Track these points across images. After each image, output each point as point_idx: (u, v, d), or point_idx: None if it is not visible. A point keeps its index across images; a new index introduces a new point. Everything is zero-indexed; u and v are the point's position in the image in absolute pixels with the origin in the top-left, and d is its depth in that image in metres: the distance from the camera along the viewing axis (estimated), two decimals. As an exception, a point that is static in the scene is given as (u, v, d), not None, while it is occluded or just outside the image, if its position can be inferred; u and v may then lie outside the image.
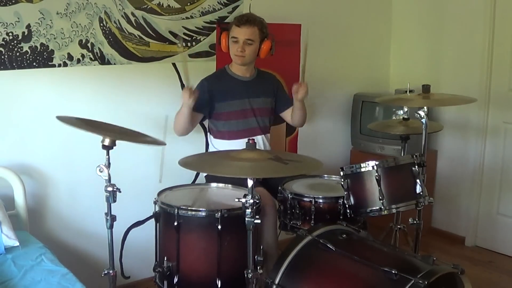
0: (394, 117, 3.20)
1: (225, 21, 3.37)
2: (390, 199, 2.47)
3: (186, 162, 2.19)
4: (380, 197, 2.45)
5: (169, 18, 3.16)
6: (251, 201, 2.11)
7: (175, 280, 2.44)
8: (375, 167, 2.47)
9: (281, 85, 3.25)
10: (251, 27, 2.90)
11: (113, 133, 2.35)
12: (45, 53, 2.76)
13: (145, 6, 3.06)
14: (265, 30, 2.97)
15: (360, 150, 4.15)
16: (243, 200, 2.13)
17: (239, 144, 2.75)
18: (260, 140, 3.04)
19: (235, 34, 2.91)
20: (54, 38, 2.77)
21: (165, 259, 2.45)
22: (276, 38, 3.02)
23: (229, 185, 2.75)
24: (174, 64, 3.24)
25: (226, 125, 3.00)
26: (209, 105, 2.96)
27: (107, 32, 2.95)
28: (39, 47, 2.74)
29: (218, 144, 3.03)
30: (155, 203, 2.54)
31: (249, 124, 3.02)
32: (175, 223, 2.40)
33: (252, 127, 3.03)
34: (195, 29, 3.27)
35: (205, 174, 3.07)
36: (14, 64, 2.68)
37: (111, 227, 2.39)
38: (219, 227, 2.36)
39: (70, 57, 2.84)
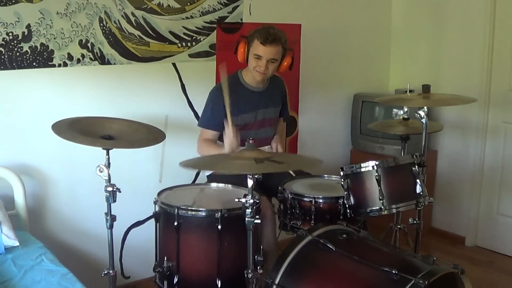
0: (394, 117, 3.20)
1: (225, 21, 3.37)
2: (390, 199, 2.46)
3: (187, 164, 2.19)
4: (380, 197, 2.45)
5: (169, 18, 3.16)
6: (251, 201, 2.11)
7: (175, 280, 2.44)
8: (375, 167, 2.46)
9: (286, 92, 3.25)
10: (276, 47, 2.79)
11: (108, 142, 2.37)
12: (45, 53, 2.76)
13: (145, 6, 3.06)
14: (287, 46, 2.88)
15: (360, 150, 4.15)
16: (243, 200, 2.13)
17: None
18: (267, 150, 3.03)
19: (259, 52, 2.79)
20: (54, 38, 2.77)
21: (165, 259, 2.45)
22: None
23: (229, 185, 2.75)
24: (174, 64, 3.24)
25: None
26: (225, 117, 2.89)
27: (107, 32, 2.95)
28: (39, 47, 2.74)
29: None
30: (155, 203, 2.54)
31: (258, 134, 2.99)
32: (175, 223, 2.40)
33: (262, 137, 3.00)
34: (195, 29, 3.27)
35: (206, 174, 3.07)
36: (14, 64, 2.68)
37: (111, 227, 2.39)
38: (219, 227, 2.36)
39: (70, 57, 2.84)
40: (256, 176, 2.12)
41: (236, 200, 2.16)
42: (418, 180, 2.50)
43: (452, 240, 4.04)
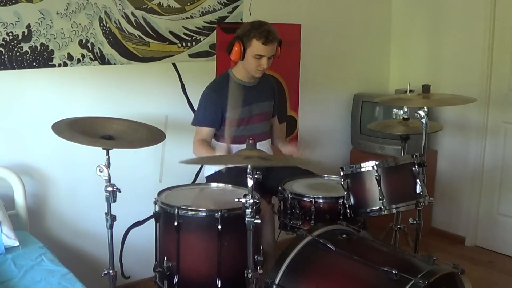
0: (394, 117, 3.20)
1: (225, 21, 3.37)
2: (390, 199, 2.46)
3: (187, 160, 2.20)
4: (380, 197, 2.45)
5: (169, 18, 3.16)
6: (251, 201, 2.11)
7: (175, 280, 2.44)
8: (375, 167, 2.46)
9: (283, 90, 3.25)
10: (275, 43, 2.85)
11: (108, 142, 2.37)
12: (45, 53, 2.76)
13: (145, 6, 3.06)
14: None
15: (360, 150, 4.15)
16: (243, 200, 2.13)
17: (241, 148, 2.75)
18: (263, 146, 3.03)
19: (261, 52, 2.81)
20: (54, 38, 2.77)
21: (165, 259, 2.45)
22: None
23: (229, 185, 2.75)
24: (174, 64, 3.24)
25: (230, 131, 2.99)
26: (220, 116, 2.95)
27: (107, 32, 2.95)
28: (39, 47, 2.74)
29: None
30: (155, 203, 2.54)
31: (252, 130, 3.01)
32: (175, 223, 2.40)
33: (255, 133, 3.01)
34: (195, 29, 3.27)
35: (206, 175, 3.07)
36: (14, 64, 2.68)
37: (111, 227, 2.39)
38: (219, 227, 2.36)
39: (70, 57, 2.84)
40: (256, 176, 2.12)
41: (236, 200, 2.17)
42: (418, 180, 2.50)
43: (452, 240, 4.04)
